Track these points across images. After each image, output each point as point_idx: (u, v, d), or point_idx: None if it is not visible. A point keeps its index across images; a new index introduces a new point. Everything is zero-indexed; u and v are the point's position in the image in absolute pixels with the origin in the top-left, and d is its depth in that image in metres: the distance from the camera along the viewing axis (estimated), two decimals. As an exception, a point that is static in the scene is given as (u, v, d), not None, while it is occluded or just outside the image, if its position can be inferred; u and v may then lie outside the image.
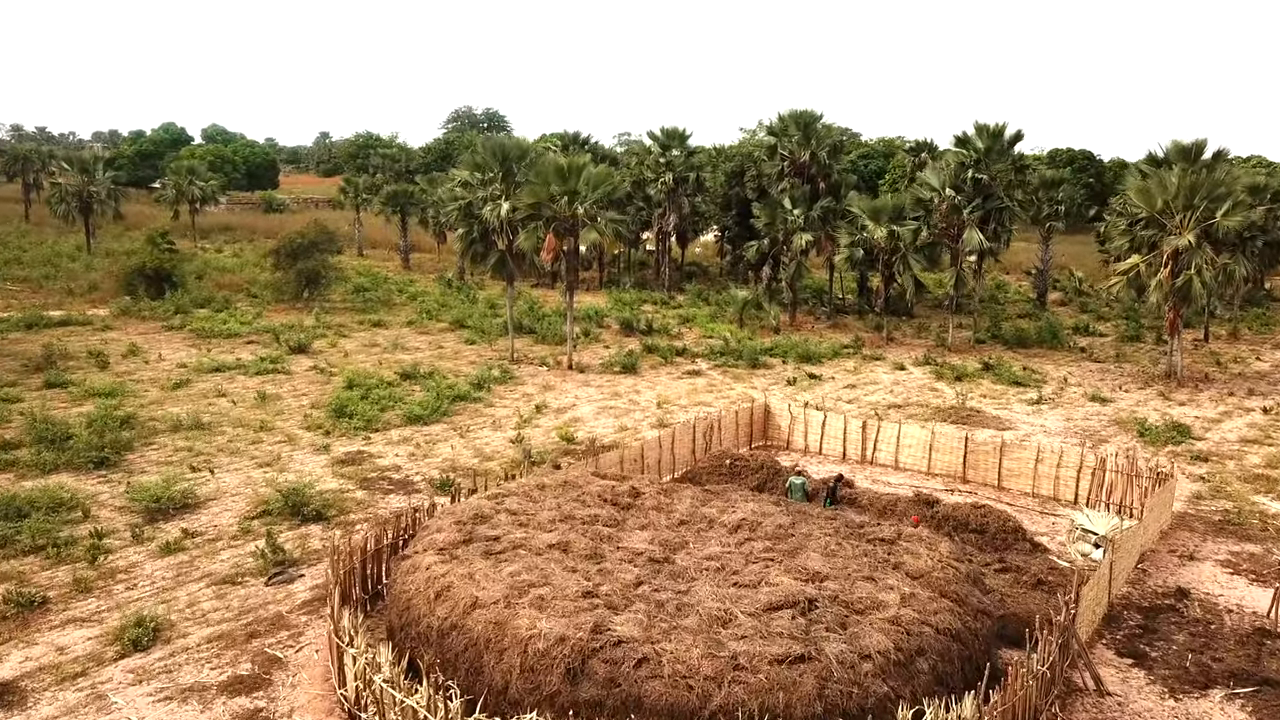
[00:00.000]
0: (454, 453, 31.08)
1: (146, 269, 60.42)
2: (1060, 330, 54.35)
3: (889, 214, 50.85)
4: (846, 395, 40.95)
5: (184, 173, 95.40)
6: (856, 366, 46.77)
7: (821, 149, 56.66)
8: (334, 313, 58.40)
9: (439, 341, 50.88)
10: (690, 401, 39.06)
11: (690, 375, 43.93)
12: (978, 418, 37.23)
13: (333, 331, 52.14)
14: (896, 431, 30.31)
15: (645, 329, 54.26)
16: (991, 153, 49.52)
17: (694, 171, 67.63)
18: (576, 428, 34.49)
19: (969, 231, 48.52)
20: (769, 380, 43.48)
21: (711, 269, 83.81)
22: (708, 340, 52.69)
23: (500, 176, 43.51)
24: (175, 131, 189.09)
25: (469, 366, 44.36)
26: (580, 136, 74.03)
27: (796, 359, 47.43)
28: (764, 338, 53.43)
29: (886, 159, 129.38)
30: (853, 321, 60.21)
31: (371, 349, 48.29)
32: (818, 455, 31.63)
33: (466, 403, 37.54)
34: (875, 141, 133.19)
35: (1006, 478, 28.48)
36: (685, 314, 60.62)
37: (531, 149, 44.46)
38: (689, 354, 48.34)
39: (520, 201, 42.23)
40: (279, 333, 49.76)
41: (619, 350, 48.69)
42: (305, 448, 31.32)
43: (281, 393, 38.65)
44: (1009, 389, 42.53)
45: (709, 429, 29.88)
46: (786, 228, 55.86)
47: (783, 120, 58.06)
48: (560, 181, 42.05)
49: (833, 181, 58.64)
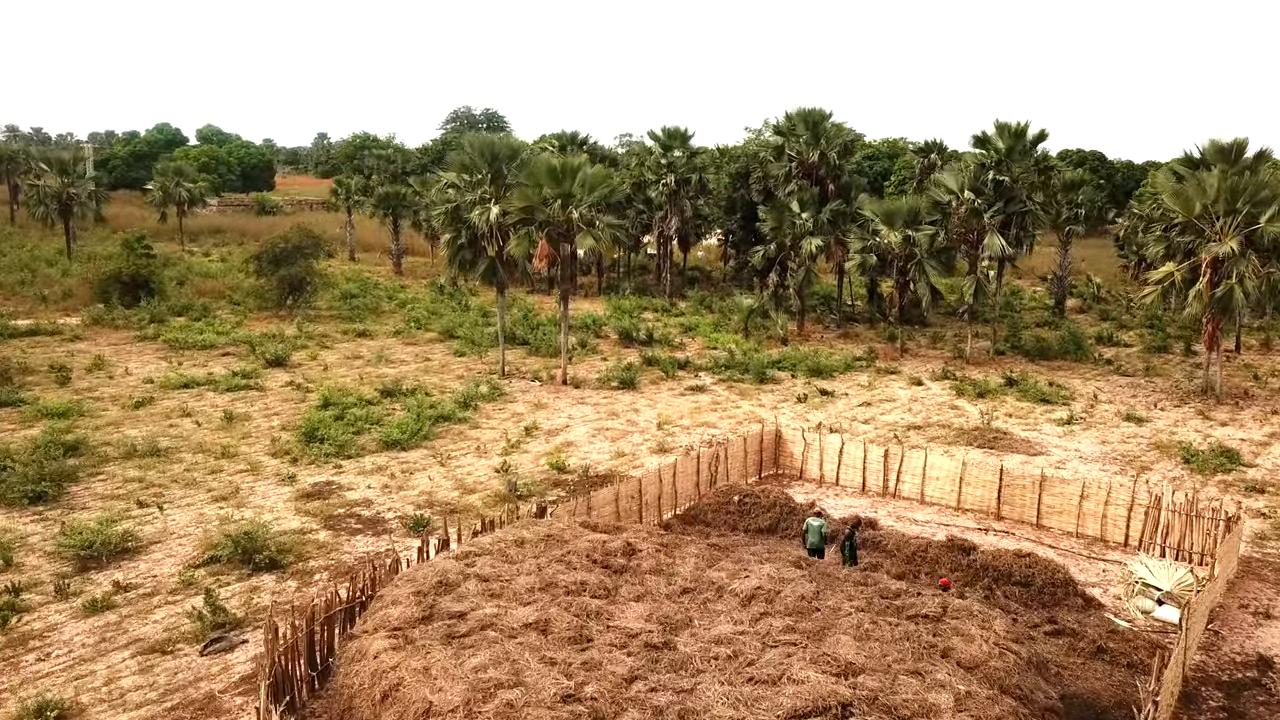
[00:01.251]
0: (432, 484, 28.14)
1: (122, 275, 57.56)
2: (1084, 341, 51.35)
3: (904, 218, 47.89)
4: (861, 414, 37.99)
5: (171, 174, 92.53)
6: (871, 381, 43.80)
7: (831, 149, 53.71)
8: (318, 321, 55.50)
9: (427, 353, 47.97)
10: (693, 421, 36.12)
11: (693, 391, 40.98)
12: (1005, 440, 34.26)
13: (314, 342, 49.24)
14: (922, 461, 27.34)
15: (645, 339, 51.33)
16: (1013, 153, 46.55)
17: (697, 173, 64.70)
18: (569, 453, 31.55)
19: (990, 237, 45.57)
20: (778, 397, 40.54)
21: (714, 274, 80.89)
22: (711, 351, 49.75)
23: (489, 178, 40.60)
24: (170, 132, 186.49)
25: (456, 382, 41.43)
26: (578, 136, 71.17)
27: (806, 373, 44.46)
28: (771, 349, 50.49)
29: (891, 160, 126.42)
30: (864, 330, 57.24)
31: (354, 362, 45.38)
32: (834, 486, 28.68)
33: (450, 424, 34.61)
34: (879, 143, 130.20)
35: (1047, 515, 25.52)
36: (687, 322, 57.70)
37: (523, 148, 41.59)
38: (692, 367, 45.40)
39: (511, 205, 39.34)
40: (256, 344, 46.87)
41: (617, 363, 45.76)
42: (269, 478, 28.39)
43: (252, 412, 35.74)
44: (1036, 407, 39.55)
45: (714, 459, 26.94)
46: (795, 232, 52.92)
47: (790, 119, 55.11)
48: (554, 184, 39.15)
49: (842, 183, 55.71)
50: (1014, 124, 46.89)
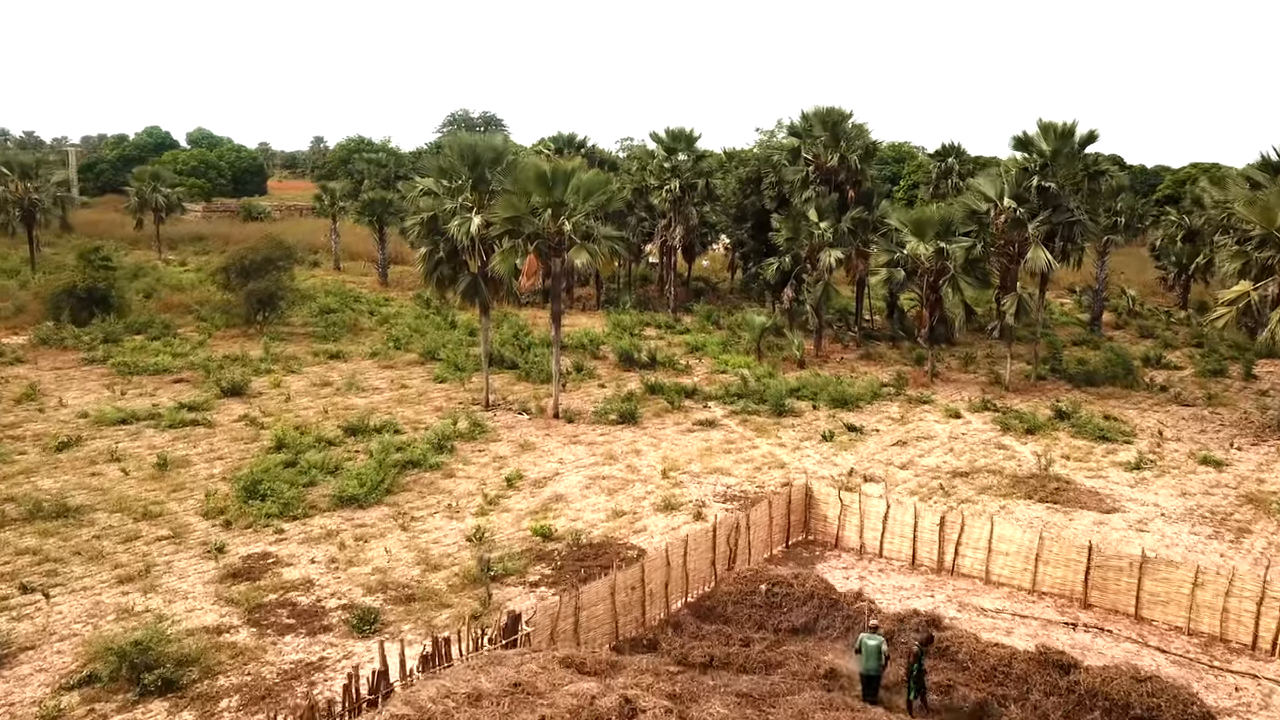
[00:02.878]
0: (389, 558, 23.20)
1: (76, 289, 52.67)
2: (1132, 364, 46.37)
3: (935, 228, 42.93)
4: (897, 455, 33.05)
5: (148, 179, 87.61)
6: (902, 414, 38.84)
7: (852, 152, 48.78)
8: (289, 340, 50.60)
9: (404, 378, 43.04)
10: (704, 467, 31.18)
11: (703, 427, 36.04)
12: (1069, 492, 29.31)
13: (281, 365, 44.33)
14: (988, 532, 22.38)
15: (648, 361, 46.40)
16: (1059, 156, 41.57)
17: (703, 178, 59.81)
18: (557, 511, 26.62)
19: (1034, 250, 40.60)
20: (799, 433, 35.59)
21: (721, 285, 75.95)
22: (721, 376, 44.82)
23: (471, 184, 35.70)
24: (159, 135, 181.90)
25: (433, 415, 36.53)
26: (575, 139, 66.25)
27: (829, 403, 39.50)
28: (787, 372, 45.55)
29: (899, 164, 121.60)
30: (886, 350, 52.30)
31: (321, 389, 40.46)
32: (878, 558, 23.73)
33: (421, 471, 29.69)
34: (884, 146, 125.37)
35: (1149, 604, 20.57)
36: (693, 341, 52.75)
37: (509, 151, 36.69)
38: (700, 396, 40.45)
39: (495, 215, 34.46)
40: (213, 369, 41.99)
41: (616, 391, 40.85)
42: (193, 548, 23.47)
43: (192, 456, 30.84)
44: (1094, 446, 34.59)
45: (733, 531, 21.99)
46: (812, 243, 47.99)
47: (807, 120, 50.18)
48: (543, 191, 34.29)
49: (864, 190, 50.79)
50: (1060, 124, 41.94)
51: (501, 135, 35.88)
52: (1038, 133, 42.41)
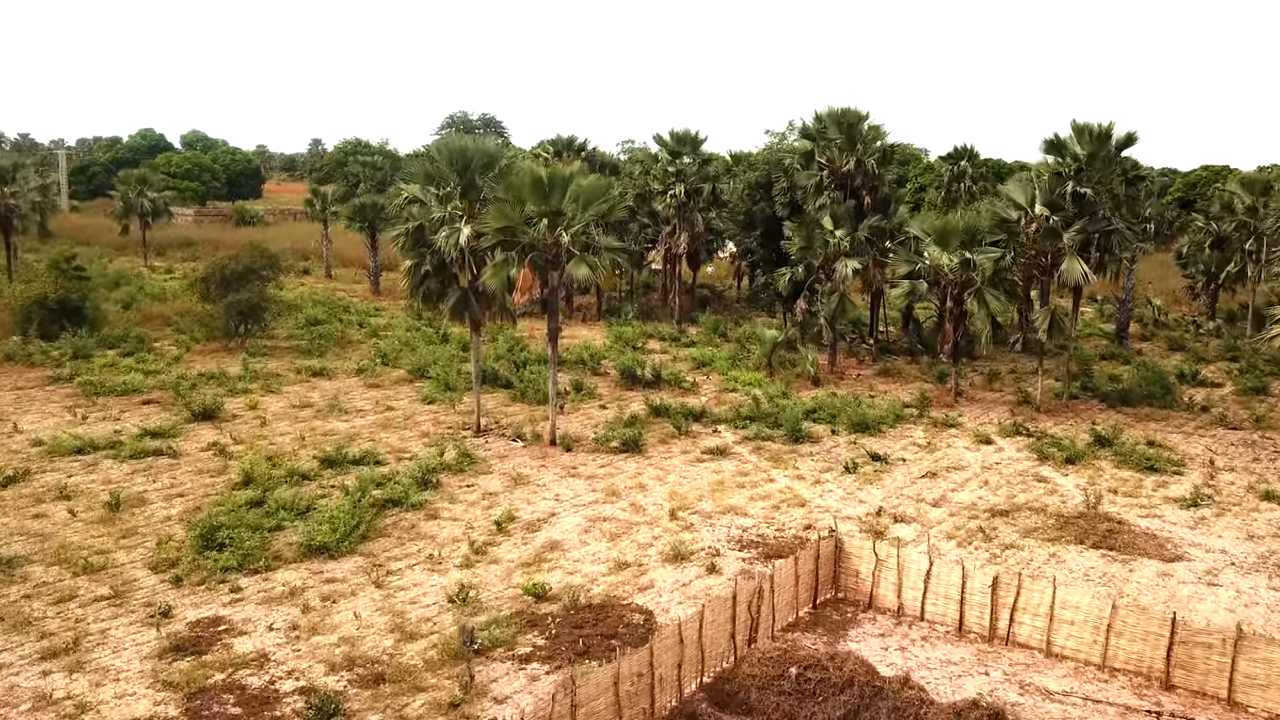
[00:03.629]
0: (360, 624, 20.22)
1: (48, 301, 49.75)
2: (1170, 382, 43.34)
3: (960, 237, 39.95)
4: (927, 490, 30.05)
5: (134, 183, 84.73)
6: (929, 439, 35.85)
7: (869, 156, 45.78)
8: (272, 355, 47.70)
9: (391, 398, 40.07)
10: (716, 504, 28.20)
11: (713, 456, 33.04)
12: (1123, 534, 26.33)
13: (260, 384, 41.39)
14: (1049, 597, 19.37)
15: (652, 379, 43.40)
16: (1095, 160, 38.61)
17: (709, 182, 56.86)
18: (553, 562, 23.64)
19: (1069, 261, 37.59)
20: (818, 463, 32.61)
21: (727, 293, 73.01)
22: (731, 395, 41.85)
23: (460, 191, 32.75)
24: (153, 138, 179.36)
25: (419, 442, 33.58)
26: (575, 142, 63.34)
27: (849, 427, 36.52)
28: (801, 390, 42.60)
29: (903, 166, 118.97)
30: (904, 365, 49.29)
31: (301, 412, 37.50)
32: (919, 622, 20.75)
33: (402, 510, 26.73)
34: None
35: (1244, 687, 17.58)
36: (700, 355, 49.76)
37: (501, 155, 33.73)
38: (709, 419, 37.46)
39: (486, 225, 31.51)
40: (184, 390, 39.04)
41: (619, 414, 37.88)
42: (135, 611, 20.51)
43: (150, 493, 27.89)
44: (1143, 478, 31.59)
45: (755, 596, 19.00)
46: (827, 252, 45.02)
47: (821, 121, 47.17)
48: (539, 198, 31.35)
49: (881, 196, 47.81)
50: (1095, 125, 39.00)
51: (494, 138, 32.81)
52: (1071, 135, 39.48)
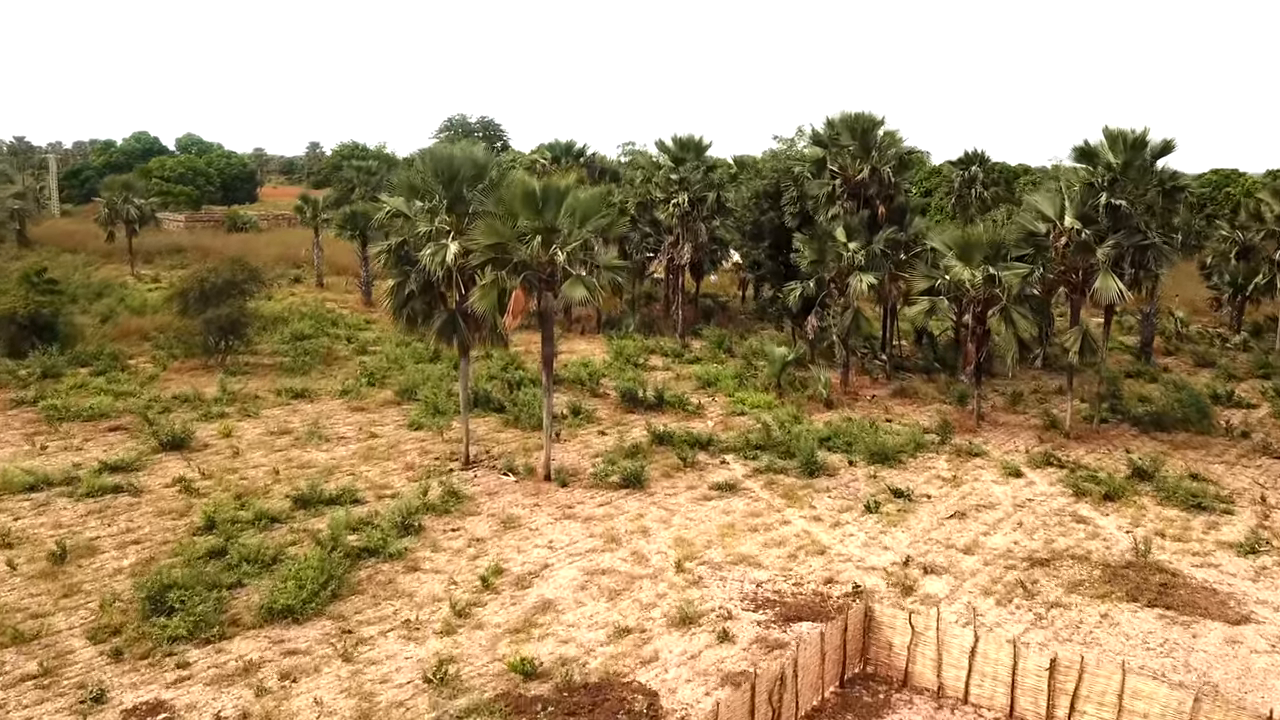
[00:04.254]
0: (321, 711, 17.62)
1: (17, 316, 47.18)
2: (1206, 405, 40.70)
3: (984, 251, 37.38)
4: (957, 534, 27.44)
5: (119, 189, 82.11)
6: (954, 471, 33.25)
7: (885, 164, 43.22)
8: (254, 374, 45.17)
9: (376, 423, 37.51)
10: (726, 551, 25.60)
11: (720, 492, 30.43)
12: (1179, 589, 23.74)
13: (238, 408, 38.85)
14: (1117, 683, 16.76)
15: (654, 401, 40.80)
16: (1130, 170, 36.07)
17: (713, 190, 54.24)
18: (544, 628, 21.02)
19: (1103, 277, 35.01)
20: (836, 501, 30.00)
21: (731, 304, 70.41)
22: (738, 419, 39.27)
23: (447, 204, 30.19)
24: (148, 141, 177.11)
25: (403, 475, 31.00)
26: (574, 147, 60.83)
27: (867, 457, 33.92)
28: (813, 414, 40.03)
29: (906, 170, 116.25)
30: (920, 384, 46.66)
31: (278, 440, 34.94)
32: (961, 705, 18.15)
33: (379, 561, 24.16)
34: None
35: (1353, 801, 15.00)
36: (705, 373, 47.14)
37: (492, 165, 31.17)
38: (716, 448, 34.86)
39: (475, 241, 28.93)
40: (153, 415, 36.46)
41: (619, 441, 35.30)
42: (65, 694, 17.93)
43: (102, 539, 25.32)
44: (1191, 518, 28.98)
45: (776, 684, 16.40)
46: (840, 266, 42.45)
47: (833, 127, 44.59)
48: (532, 213, 28.78)
49: (896, 205, 45.21)
50: (1130, 132, 36.43)
51: (483, 146, 30.18)
52: (1103, 143, 36.92)
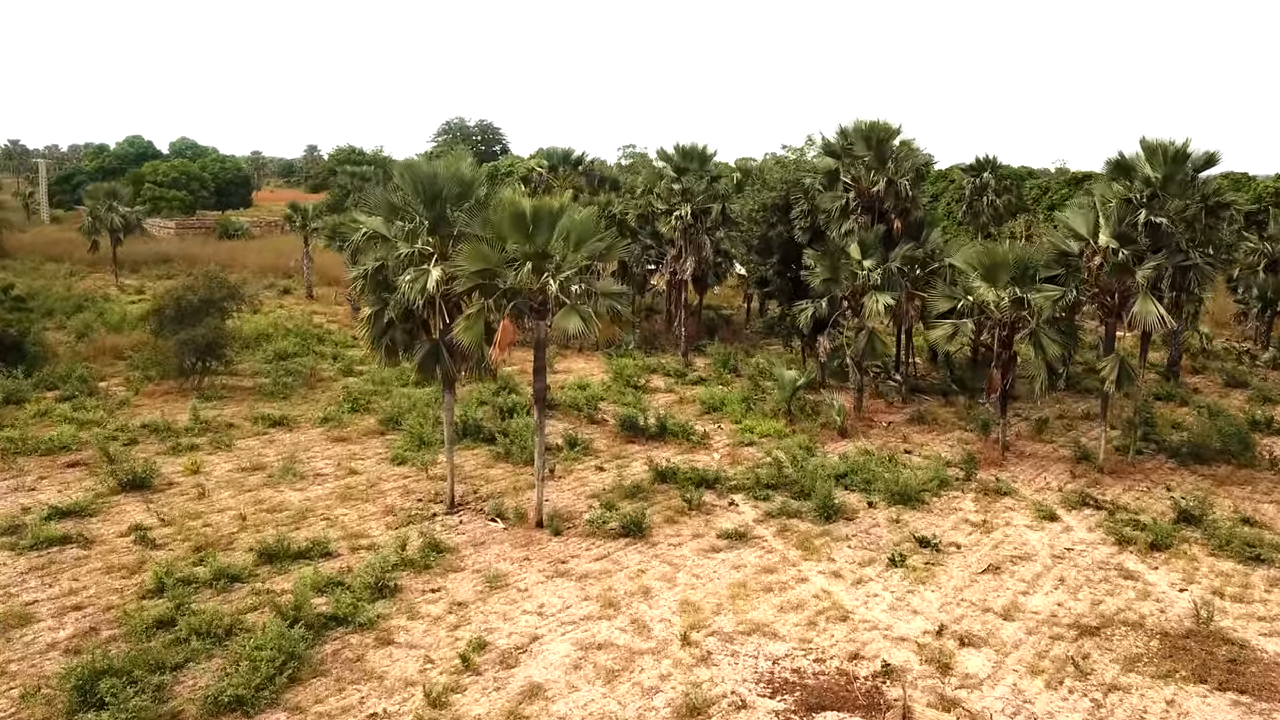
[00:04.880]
0: (262, 842, 14.99)
1: (-18, 336, 44.62)
2: (1249, 437, 38.00)
3: (1010, 271, 34.70)
4: (994, 593, 24.74)
5: (102, 197, 79.51)
6: (982, 513, 30.55)
7: (902, 176, 40.54)
8: (231, 398, 42.58)
9: (357, 456, 34.88)
10: (738, 619, 22.90)
11: (730, 541, 27.73)
12: (1249, 665, 21.05)
13: (210, 439, 36.22)
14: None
15: (657, 429, 38.15)
16: (1170, 184, 33.38)
17: (718, 202, 51.60)
18: (532, 721, 18.36)
19: (1143, 302, 32.29)
20: (857, 549, 27.31)
21: (736, 317, 67.76)
22: (746, 450, 36.64)
23: (429, 225, 27.53)
24: (142, 145, 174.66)
25: (382, 522, 28.34)
26: (572, 155, 58.19)
27: (887, 497, 31.24)
28: (826, 443, 37.43)
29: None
30: (938, 408, 43.96)
31: (250, 477, 32.30)
32: (1019, 830, 15.48)
33: (348, 633, 21.49)
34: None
35: None
36: (709, 396, 44.45)
37: (479, 182, 28.46)
38: (723, 487, 32.19)
39: (460, 268, 26.30)
40: (116, 449, 33.81)
41: (617, 479, 32.62)
42: (-36, 817, 15.31)
43: (41, 604, 22.67)
44: (1249, 571, 26.29)
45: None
46: (855, 285, 39.79)
47: (846, 136, 41.90)
48: (521, 236, 26.14)
49: (913, 220, 42.56)
50: (1169, 144, 33.74)
51: (470, 161, 27.60)
52: (1140, 155, 34.23)
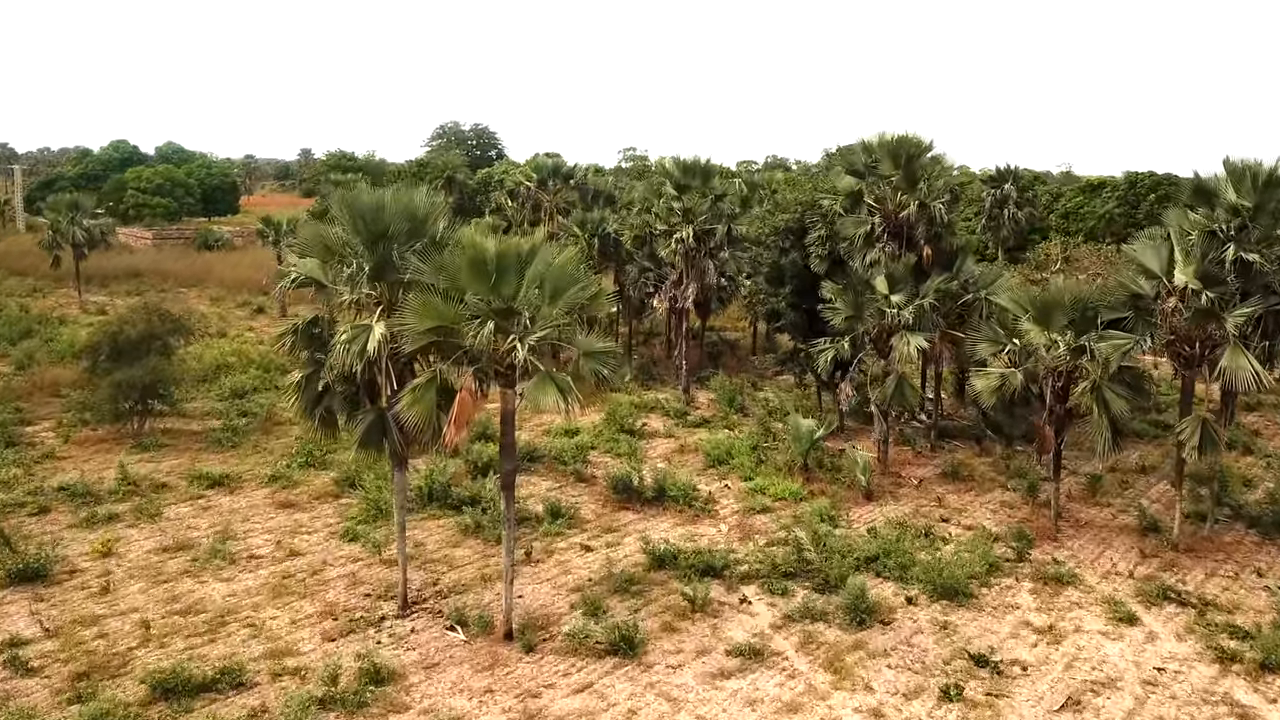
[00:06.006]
0: None
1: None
2: (1337, 499, 32.81)
3: (1067, 313, 29.48)
4: (1076, 742, 19.57)
5: (63, 209, 74.28)
6: (1045, 613, 25.29)
7: (935, 199, 35.33)
8: (174, 446, 37.59)
9: (302, 529, 29.73)
10: (753, 790, 17.74)
11: (742, 661, 22.52)
12: None
13: (136, 504, 31.11)
14: None
15: (654, 493, 32.97)
16: (1263, 214, 28.18)
17: (723, 221, 46.45)
18: None
19: (1233, 354, 27.04)
20: (897, 669, 22.11)
21: (741, 341, 62.58)
22: (759, 519, 31.50)
23: (372, 270, 22.36)
24: (126, 150, 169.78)
25: (318, 628, 23.16)
26: (562, 167, 53.02)
27: (927, 589, 26.02)
28: (851, 507, 32.33)
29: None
30: (971, 457, 38.81)
31: (170, 561, 27.16)
32: None
33: (243, 822, 16.33)
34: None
35: None
36: (714, 442, 39.28)
37: (436, 214, 23.16)
38: (732, 576, 26.97)
39: (409, 326, 21.12)
40: (13, 522, 28.65)
41: (607, 563, 27.43)
42: None
43: None
44: (1390, 707, 21.12)
45: None
46: (882, 324, 34.63)
47: (870, 152, 36.63)
48: (483, 286, 21.02)
49: (945, 247, 37.31)
50: (1257, 165, 28.54)
51: (425, 190, 22.27)
52: (1224, 178, 29.01)
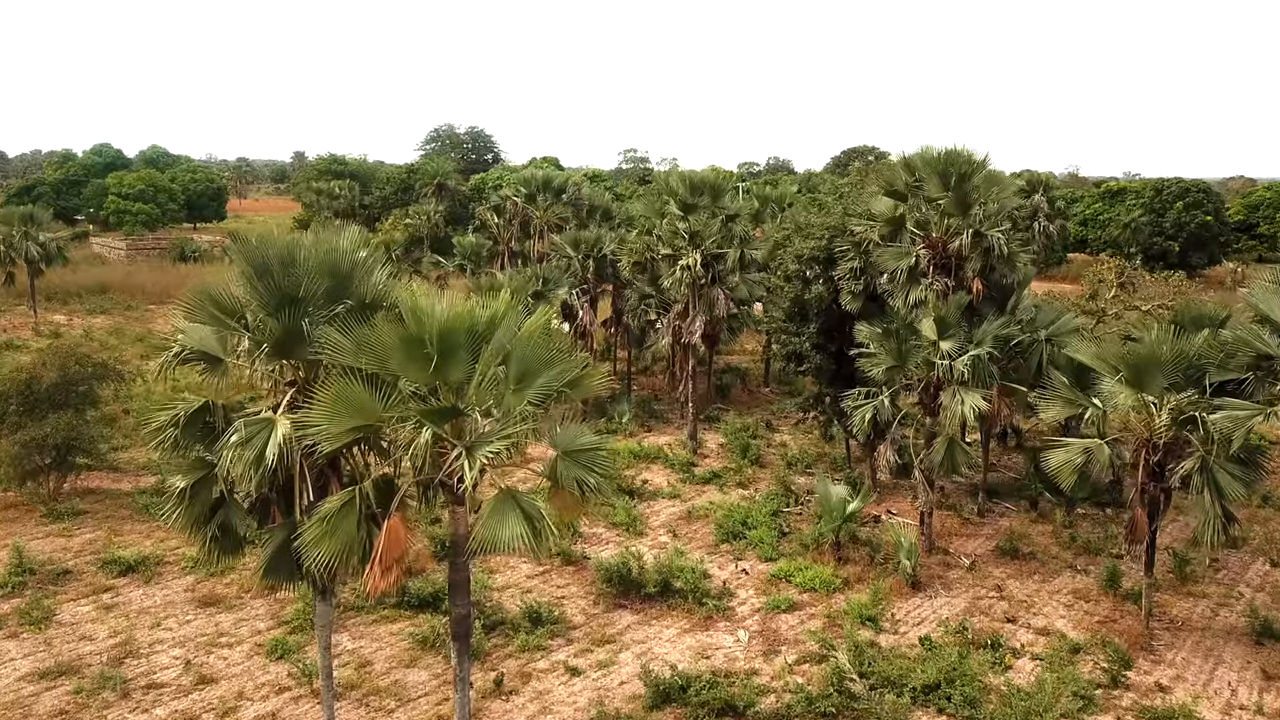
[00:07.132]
0: None
1: None
2: None
3: (1167, 374, 23.68)
4: None
5: (16, 223, 68.47)
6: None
7: (993, 226, 29.44)
8: (92, 514, 32.05)
9: (223, 639, 23.92)
10: None
11: None
12: None
13: (24, 601, 25.40)
14: None
15: (657, 588, 27.09)
16: None
17: (735, 244, 40.68)
18: None
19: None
20: None
21: (753, 371, 56.82)
22: (784, 621, 25.73)
23: (279, 342, 16.54)
24: (110, 154, 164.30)
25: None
26: (553, 181, 47.21)
27: (1009, 743, 20.24)
28: (895, 600, 26.62)
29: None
30: (1026, 526, 33.05)
31: (47, 692, 21.41)
32: None
33: None
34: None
35: None
36: (726, 505, 33.61)
37: (368, 266, 17.37)
38: (756, 715, 21.17)
39: (323, 426, 15.30)
40: None
41: (595, 692, 21.66)
42: None
43: None
44: None
45: None
46: (930, 377, 28.80)
47: (913, 170, 30.60)
48: (420, 372, 15.23)
49: (996, 280, 31.29)
50: None
51: (357, 231, 16.14)
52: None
